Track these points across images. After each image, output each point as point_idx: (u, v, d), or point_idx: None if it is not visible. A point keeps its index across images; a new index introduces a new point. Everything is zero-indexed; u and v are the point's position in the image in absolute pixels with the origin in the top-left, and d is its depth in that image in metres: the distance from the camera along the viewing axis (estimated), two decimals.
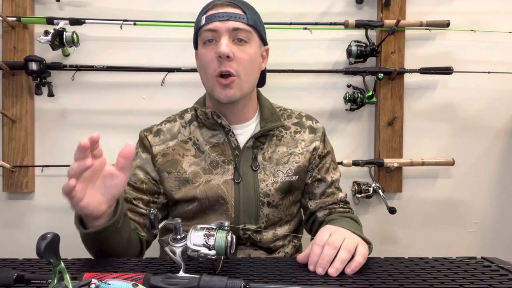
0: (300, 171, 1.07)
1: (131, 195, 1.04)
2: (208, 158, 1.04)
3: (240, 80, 0.98)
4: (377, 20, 1.58)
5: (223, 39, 0.95)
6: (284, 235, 1.06)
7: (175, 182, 1.03)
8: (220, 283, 0.63)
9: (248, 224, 1.02)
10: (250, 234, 1.02)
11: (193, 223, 0.98)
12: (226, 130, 1.04)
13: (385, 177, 1.62)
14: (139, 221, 1.03)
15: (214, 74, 0.97)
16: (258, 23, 1.03)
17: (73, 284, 0.55)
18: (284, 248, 1.07)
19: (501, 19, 1.64)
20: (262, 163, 1.05)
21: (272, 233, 1.04)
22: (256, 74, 1.04)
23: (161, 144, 1.06)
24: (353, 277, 0.73)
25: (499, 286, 0.70)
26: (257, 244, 1.03)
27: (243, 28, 0.97)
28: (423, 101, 1.66)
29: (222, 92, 0.97)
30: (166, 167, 1.04)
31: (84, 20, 1.47)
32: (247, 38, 0.98)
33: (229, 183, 1.02)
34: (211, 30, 0.97)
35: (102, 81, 1.58)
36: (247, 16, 0.98)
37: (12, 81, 1.54)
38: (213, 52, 0.97)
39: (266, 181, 1.03)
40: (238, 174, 1.02)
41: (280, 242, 1.06)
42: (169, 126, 1.10)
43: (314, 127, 1.13)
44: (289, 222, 1.09)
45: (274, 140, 1.08)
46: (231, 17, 0.96)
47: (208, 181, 1.02)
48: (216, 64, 0.96)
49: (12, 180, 1.54)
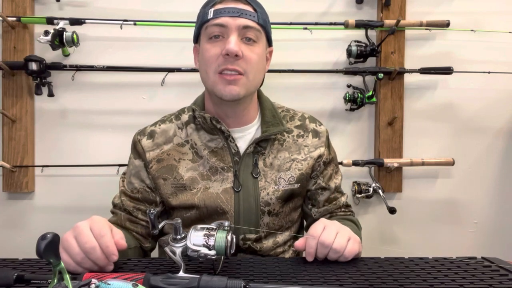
0: (302, 179, 1.03)
1: (129, 206, 1.02)
2: (207, 164, 0.99)
3: (247, 79, 0.93)
4: (377, 20, 1.58)
5: (232, 36, 0.90)
6: (284, 241, 1.04)
7: (172, 188, 0.99)
8: (220, 283, 0.63)
9: (248, 234, 0.98)
10: (250, 244, 0.99)
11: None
12: (225, 135, 1.00)
13: (385, 177, 1.62)
14: (141, 232, 1.02)
15: (217, 71, 0.92)
16: (267, 23, 0.99)
17: (73, 284, 0.55)
18: (284, 254, 1.05)
19: (501, 19, 1.64)
20: (263, 170, 1.00)
21: (272, 241, 1.01)
22: (261, 75, 1.00)
23: (155, 149, 1.01)
24: (353, 277, 0.73)
25: (499, 286, 0.70)
26: (257, 253, 1.00)
27: (253, 27, 0.92)
28: (423, 101, 1.66)
29: (226, 89, 0.92)
30: (162, 173, 0.99)
31: (84, 20, 1.47)
32: (256, 38, 0.94)
33: (228, 192, 0.97)
34: (220, 25, 0.91)
35: (102, 81, 1.58)
36: (258, 15, 0.94)
37: (12, 81, 1.53)
38: (219, 48, 0.91)
39: (267, 189, 0.99)
40: (238, 183, 0.98)
41: (280, 248, 1.04)
42: (164, 128, 1.04)
43: (318, 130, 1.08)
44: (290, 229, 1.06)
45: (276, 144, 1.03)
46: (241, 14, 0.91)
47: (207, 188, 0.98)
48: (221, 61, 0.91)
49: (12, 180, 1.54)
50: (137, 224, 1.01)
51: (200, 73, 0.99)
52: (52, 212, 1.59)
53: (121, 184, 1.06)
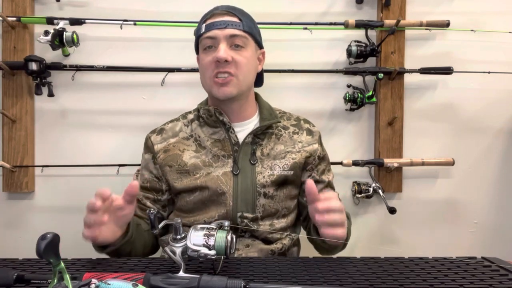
0: (296, 167, 1.12)
1: (139, 195, 1.12)
2: (209, 153, 1.11)
3: (237, 80, 1.06)
4: (377, 20, 1.58)
5: (221, 45, 1.04)
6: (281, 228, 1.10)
7: (177, 174, 1.10)
8: (220, 283, 0.63)
9: (246, 212, 1.06)
10: (248, 222, 1.06)
11: (194, 215, 1.07)
12: (227, 127, 1.12)
13: (385, 177, 1.62)
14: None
15: (212, 75, 1.06)
16: (254, 28, 1.12)
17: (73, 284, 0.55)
18: (282, 240, 1.10)
19: (501, 19, 1.64)
20: (260, 158, 1.11)
21: (269, 224, 1.08)
22: (252, 75, 1.13)
23: (163, 142, 1.15)
24: (353, 277, 0.73)
25: (499, 286, 0.70)
26: (254, 234, 1.07)
27: (239, 34, 1.06)
28: (423, 101, 1.66)
29: (219, 90, 1.06)
30: (168, 161, 1.12)
31: (84, 20, 1.47)
32: (243, 44, 1.07)
33: (228, 174, 1.08)
34: (210, 37, 1.06)
35: (102, 81, 1.58)
36: (243, 23, 1.07)
37: (12, 81, 1.54)
38: (211, 57, 1.06)
39: (263, 173, 1.09)
40: (236, 167, 1.08)
41: (277, 234, 1.09)
42: (172, 125, 1.19)
43: (312, 130, 1.20)
44: (286, 216, 1.13)
45: (273, 138, 1.14)
46: (228, 25, 1.05)
47: (209, 173, 1.08)
48: (214, 66, 1.05)
49: (12, 180, 1.54)
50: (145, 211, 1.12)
51: (200, 78, 1.13)
52: (52, 212, 1.59)
53: (134, 177, 1.24)
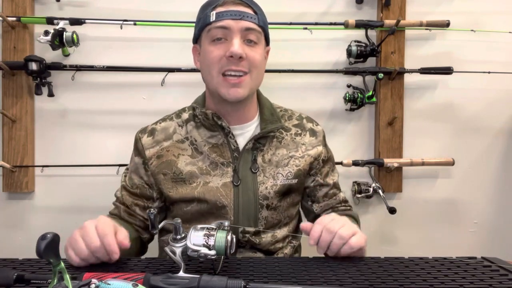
0: (300, 175, 1.06)
1: (128, 201, 1.06)
2: (207, 159, 1.02)
3: (251, 79, 0.97)
4: (377, 20, 1.58)
5: (235, 39, 0.93)
6: (283, 237, 1.06)
7: (172, 183, 1.02)
8: (220, 283, 0.63)
9: (247, 227, 1.00)
10: (249, 237, 1.00)
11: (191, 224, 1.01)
12: (225, 132, 1.02)
13: (385, 177, 1.62)
14: (139, 224, 1.06)
15: (220, 72, 0.95)
16: (266, 24, 1.03)
17: (73, 284, 0.55)
18: (283, 249, 1.06)
19: (501, 19, 1.64)
20: (262, 165, 1.03)
21: (271, 235, 1.03)
22: (263, 74, 1.04)
23: (155, 146, 1.04)
24: (353, 277, 0.73)
25: (499, 286, 0.70)
26: (256, 246, 1.02)
27: (255, 29, 0.96)
28: (423, 101, 1.66)
29: (230, 92, 0.95)
30: (161, 169, 1.02)
31: (84, 20, 1.47)
32: (257, 39, 0.97)
33: (228, 186, 1.00)
34: (223, 27, 0.94)
35: (102, 81, 1.58)
36: (258, 17, 0.97)
37: (12, 81, 1.53)
38: (222, 50, 0.94)
39: (266, 183, 1.02)
40: (237, 177, 1.00)
41: (279, 244, 1.05)
42: (164, 125, 1.08)
43: (315, 130, 1.12)
44: (288, 224, 1.09)
45: (275, 142, 1.06)
46: (243, 16, 0.94)
47: (207, 182, 1.00)
48: (225, 62, 0.94)
49: (12, 180, 1.54)
50: (135, 217, 1.06)
51: (202, 73, 1.02)
52: (52, 212, 1.59)
53: (123, 178, 1.11)
